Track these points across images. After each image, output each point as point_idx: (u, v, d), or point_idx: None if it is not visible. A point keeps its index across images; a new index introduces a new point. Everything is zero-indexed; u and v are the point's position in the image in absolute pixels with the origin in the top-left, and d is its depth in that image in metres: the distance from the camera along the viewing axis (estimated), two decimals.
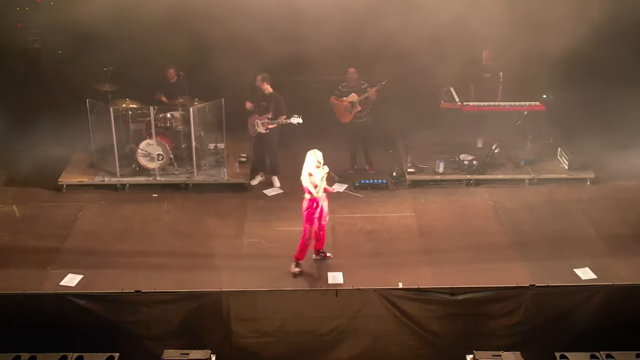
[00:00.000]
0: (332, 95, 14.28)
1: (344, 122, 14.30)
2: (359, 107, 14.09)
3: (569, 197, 13.79)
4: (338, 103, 14.21)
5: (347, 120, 14.23)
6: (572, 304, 11.11)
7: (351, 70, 14.18)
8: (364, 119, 14.29)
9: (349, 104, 14.08)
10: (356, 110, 14.10)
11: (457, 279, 11.16)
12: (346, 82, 14.22)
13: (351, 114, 14.12)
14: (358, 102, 14.03)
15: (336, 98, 14.23)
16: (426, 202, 13.62)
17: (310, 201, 11.22)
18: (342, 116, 14.26)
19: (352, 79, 14.16)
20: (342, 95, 14.18)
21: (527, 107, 14.62)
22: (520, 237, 12.47)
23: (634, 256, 11.88)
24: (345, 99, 14.11)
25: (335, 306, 10.97)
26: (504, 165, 14.67)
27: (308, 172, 11.13)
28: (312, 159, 11.16)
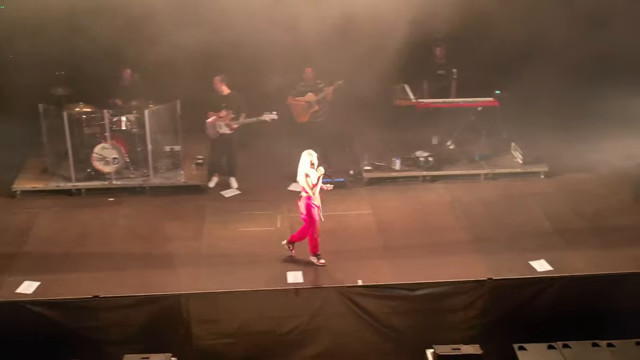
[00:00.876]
0: (289, 95, 14.28)
1: (301, 121, 14.33)
2: (316, 107, 14.13)
3: (523, 191, 13.98)
4: (295, 103, 14.23)
5: (305, 119, 14.27)
6: (528, 296, 11.26)
7: (307, 70, 14.22)
8: (321, 118, 14.33)
9: (306, 104, 14.11)
10: (313, 110, 14.14)
11: (416, 275, 11.26)
12: (303, 82, 14.26)
13: (308, 113, 14.16)
14: (315, 101, 14.06)
15: (293, 98, 14.25)
16: (383, 200, 13.71)
17: (308, 199, 11.29)
18: (299, 116, 14.29)
19: (308, 79, 14.19)
20: (299, 95, 14.21)
21: (481, 103, 14.77)
22: (476, 231, 12.61)
23: (588, 247, 12.09)
24: (302, 99, 14.14)
25: (295, 305, 10.98)
26: (459, 160, 14.83)
27: (305, 172, 11.20)
28: (306, 159, 11.23)
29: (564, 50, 15.04)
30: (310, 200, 11.28)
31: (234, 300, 10.85)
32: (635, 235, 12.48)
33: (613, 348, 10.19)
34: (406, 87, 15.13)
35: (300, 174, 11.27)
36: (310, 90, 14.11)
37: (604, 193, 13.91)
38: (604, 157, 14.55)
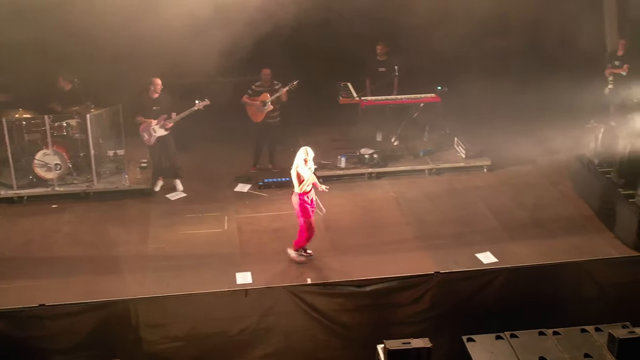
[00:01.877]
0: (245, 95, 14.22)
1: (256, 121, 14.28)
2: (271, 107, 14.11)
3: (467, 185, 14.19)
4: (250, 102, 14.18)
5: (260, 119, 14.23)
6: (475, 287, 11.41)
7: (265, 71, 14.16)
8: (276, 118, 14.33)
9: (260, 103, 14.07)
10: (268, 109, 14.12)
11: (364, 271, 11.34)
12: (260, 82, 14.21)
13: (263, 113, 14.13)
14: (270, 101, 14.05)
15: (249, 97, 14.20)
16: (330, 198, 13.67)
17: (300, 195, 11.37)
18: (254, 115, 14.24)
19: (265, 79, 14.16)
20: (254, 94, 14.17)
21: (423, 99, 14.93)
22: (423, 226, 12.76)
23: (531, 238, 12.36)
24: (258, 99, 14.11)
25: (245, 306, 10.94)
26: (404, 157, 14.98)
27: (296, 168, 11.32)
28: (301, 155, 11.37)
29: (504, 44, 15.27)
30: (301, 196, 11.38)
31: (183, 303, 10.76)
32: (575, 225, 12.83)
33: (559, 336, 10.40)
34: (349, 85, 15.22)
35: (293, 169, 11.39)
36: (266, 91, 14.08)
37: (545, 184, 14.22)
38: (544, 149, 14.80)
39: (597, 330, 10.50)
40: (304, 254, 11.96)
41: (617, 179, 12.94)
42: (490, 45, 15.50)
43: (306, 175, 11.35)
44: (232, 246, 12.16)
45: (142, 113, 13.57)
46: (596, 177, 13.36)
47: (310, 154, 11.45)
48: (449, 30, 14.75)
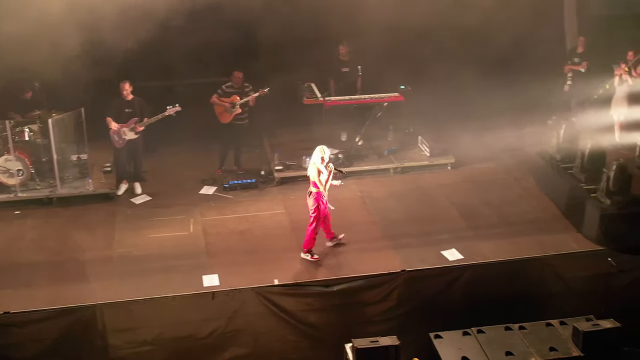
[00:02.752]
0: (215, 94, 14.15)
1: (224, 122, 14.21)
2: (239, 110, 14.06)
3: (432, 183, 14.28)
4: (220, 102, 14.11)
5: (227, 120, 14.17)
6: (442, 285, 11.54)
7: (237, 74, 14.07)
8: (244, 120, 14.28)
9: (229, 105, 14.02)
10: (237, 112, 14.07)
11: (331, 271, 11.41)
12: (230, 83, 14.15)
13: (232, 115, 14.08)
14: (239, 104, 14.00)
15: (218, 97, 14.13)
16: (296, 198, 13.76)
17: (317, 195, 11.47)
18: (221, 116, 14.17)
19: (236, 82, 14.09)
20: (224, 95, 14.10)
21: (387, 99, 14.99)
22: (389, 224, 12.82)
23: (495, 234, 12.48)
24: (227, 100, 14.05)
25: (212, 309, 10.95)
26: (369, 156, 15.03)
27: (317, 167, 11.36)
28: (317, 154, 11.39)
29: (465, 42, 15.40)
30: (320, 196, 11.48)
31: (150, 307, 10.73)
32: (538, 220, 12.98)
33: (525, 330, 10.57)
34: (313, 85, 15.25)
35: (312, 168, 11.46)
36: (237, 93, 14.04)
37: (508, 181, 14.36)
38: (507, 146, 14.93)
39: (562, 324, 10.68)
40: (339, 240, 12.18)
41: (579, 175, 13.11)
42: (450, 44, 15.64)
43: (326, 175, 11.48)
44: (198, 249, 12.11)
45: (114, 115, 13.46)
46: (558, 173, 13.52)
47: (327, 152, 11.56)
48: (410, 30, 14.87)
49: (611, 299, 11.58)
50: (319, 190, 11.51)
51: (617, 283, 11.81)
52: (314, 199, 11.55)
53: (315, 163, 11.48)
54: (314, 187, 11.53)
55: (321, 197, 11.57)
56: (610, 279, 11.53)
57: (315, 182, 11.51)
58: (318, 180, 11.46)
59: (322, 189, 11.51)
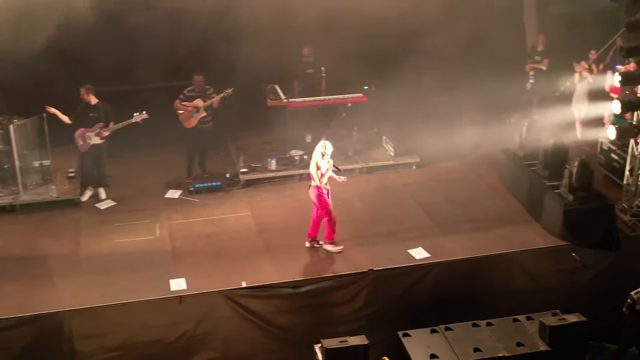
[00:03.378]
0: (177, 100, 14.04)
1: (189, 127, 14.10)
2: (204, 113, 13.99)
3: (397, 182, 14.36)
4: (183, 108, 14.00)
5: (192, 125, 14.06)
6: (409, 283, 11.60)
7: (198, 78, 13.97)
8: (208, 123, 14.20)
9: (194, 109, 13.93)
10: (202, 115, 13.99)
11: (299, 272, 11.42)
12: (192, 87, 14.05)
13: (196, 119, 13.99)
14: (203, 107, 13.93)
15: (181, 102, 14.02)
16: (262, 200, 13.77)
17: (317, 188, 11.64)
18: (186, 121, 14.05)
19: (198, 85, 14.00)
20: (187, 100, 13.99)
21: (350, 99, 15.05)
22: (355, 224, 12.86)
23: (461, 232, 12.58)
24: (191, 104, 13.95)
25: (180, 313, 10.89)
26: (334, 157, 14.95)
27: (315, 161, 11.58)
28: (319, 149, 11.66)
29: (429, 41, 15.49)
30: (319, 189, 11.60)
31: (117, 312, 10.65)
32: (503, 217, 13.11)
33: (492, 327, 10.68)
34: (277, 87, 15.25)
35: (312, 163, 11.62)
36: (199, 96, 13.95)
37: (473, 179, 14.49)
38: (471, 144, 15.03)
39: (528, 319, 10.80)
40: (316, 245, 12.20)
41: (542, 171, 13.25)
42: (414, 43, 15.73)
43: (324, 169, 11.61)
44: (164, 253, 12.05)
45: (79, 120, 13.34)
46: (522, 170, 13.66)
47: (329, 147, 11.71)
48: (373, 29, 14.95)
49: (576, 293, 11.71)
50: (317, 184, 11.69)
51: (581, 278, 11.96)
52: (315, 194, 11.74)
53: (316, 157, 11.65)
54: (313, 180, 11.73)
55: (321, 190, 11.74)
56: (575, 274, 11.68)
57: (312, 176, 11.73)
58: (315, 172, 11.64)
59: (317, 182, 11.66)
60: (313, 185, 11.75)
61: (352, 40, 15.00)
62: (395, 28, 15.06)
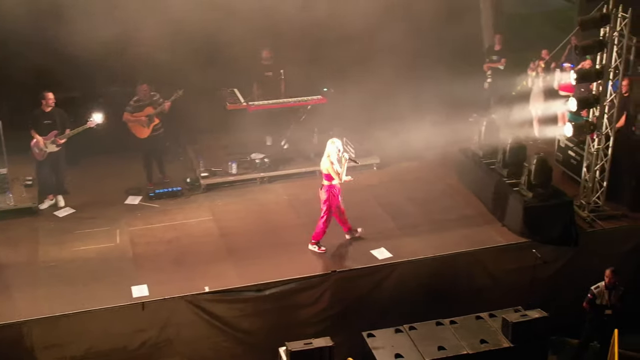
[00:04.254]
0: (125, 112, 13.83)
1: (143, 137, 13.90)
2: (156, 120, 13.85)
3: (358, 184, 14.27)
4: (134, 118, 13.79)
5: (146, 134, 13.87)
6: (372, 284, 11.65)
7: (143, 87, 13.78)
8: (160, 129, 14.04)
9: (146, 118, 13.76)
10: (154, 123, 13.85)
11: (262, 275, 11.36)
12: (137, 97, 13.86)
13: (149, 127, 13.83)
14: (155, 114, 13.78)
15: (130, 114, 13.83)
16: (223, 204, 13.70)
17: (329, 188, 11.75)
18: (139, 131, 13.85)
19: (144, 94, 13.82)
20: (136, 110, 13.80)
21: (310, 102, 15.05)
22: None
23: (423, 232, 12.65)
24: (142, 114, 13.78)
25: (143, 319, 10.80)
26: (295, 159, 15.04)
27: (330, 160, 11.66)
28: (332, 147, 11.71)
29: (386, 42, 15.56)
30: (332, 188, 11.71)
31: (79, 321, 10.53)
32: (464, 216, 13.22)
33: (456, 325, 10.75)
34: (235, 90, 15.19)
35: (325, 161, 11.64)
36: (148, 105, 13.79)
37: (433, 179, 14.58)
38: (430, 144, 15.10)
39: (491, 317, 10.89)
40: (356, 234, 12.40)
41: (501, 170, 13.38)
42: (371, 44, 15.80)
43: (339, 167, 11.73)
44: (125, 259, 11.93)
45: (34, 127, 13.14)
46: (481, 169, 13.78)
47: (339, 143, 11.82)
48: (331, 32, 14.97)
49: (537, 289, 11.82)
50: (330, 184, 11.75)
51: (542, 274, 12.06)
52: (325, 192, 11.79)
53: (330, 156, 11.71)
54: (326, 179, 11.78)
55: (333, 190, 11.80)
56: (536, 270, 11.77)
57: (327, 175, 11.75)
58: (333, 171, 11.66)
59: (337, 180, 11.76)
60: (326, 185, 11.83)
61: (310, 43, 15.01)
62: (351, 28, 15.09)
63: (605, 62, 12.50)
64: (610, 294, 11.19)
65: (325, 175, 11.82)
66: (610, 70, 12.53)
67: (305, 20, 14.75)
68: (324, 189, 11.84)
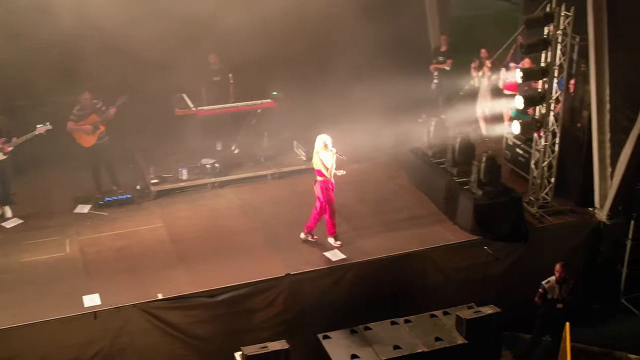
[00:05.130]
0: (69, 121, 13.61)
1: (88, 146, 13.70)
2: (101, 128, 13.66)
3: (310, 186, 14.27)
4: (78, 127, 13.58)
5: (91, 143, 13.67)
6: (327, 285, 11.65)
7: (85, 96, 13.56)
8: (105, 138, 13.85)
9: (91, 127, 13.57)
10: (100, 131, 13.66)
11: (216, 281, 11.28)
12: (80, 106, 13.65)
13: (95, 136, 13.64)
14: (100, 122, 13.59)
15: (74, 123, 13.62)
16: (174, 211, 13.59)
17: (323, 183, 11.87)
18: (84, 140, 13.65)
19: (87, 103, 13.62)
20: (80, 119, 13.59)
21: (259, 106, 15.03)
22: (270, 230, 12.84)
23: (375, 232, 12.72)
24: (85, 122, 13.58)
25: (95, 329, 10.65)
26: (245, 164, 15.01)
27: (319, 155, 11.79)
28: (319, 143, 11.82)
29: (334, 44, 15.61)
30: (326, 183, 11.75)
31: (30, 333, 10.32)
32: (415, 215, 13.32)
33: (410, 323, 10.83)
34: (184, 96, 15.08)
35: (315, 157, 11.71)
36: (91, 113, 13.59)
37: (384, 179, 14.67)
38: (381, 145, 15.17)
39: (445, 314, 10.99)
40: (311, 238, 12.43)
41: (451, 169, 13.51)
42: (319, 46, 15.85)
43: (329, 161, 11.80)
44: (76, 269, 11.76)
45: None
46: (431, 168, 13.89)
47: (327, 138, 11.88)
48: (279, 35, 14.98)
49: (490, 286, 11.95)
50: (324, 179, 11.83)
51: (494, 270, 12.21)
52: (320, 187, 11.91)
53: (318, 152, 11.80)
54: (319, 175, 11.88)
55: (327, 185, 11.90)
56: (488, 267, 11.91)
57: (319, 171, 11.84)
58: (323, 166, 11.74)
59: (327, 175, 11.83)
60: (319, 180, 11.90)
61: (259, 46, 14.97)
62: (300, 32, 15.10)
63: (549, 60, 12.70)
64: (561, 288, 11.36)
65: (316, 171, 11.96)
66: (555, 68, 12.74)
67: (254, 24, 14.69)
68: (317, 184, 12.01)
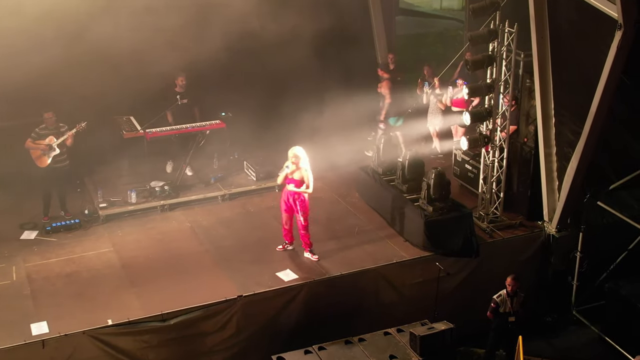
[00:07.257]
0: (29, 138, 13.39)
1: (42, 166, 13.46)
2: (57, 150, 13.42)
3: (260, 206, 14.34)
4: (35, 146, 13.36)
5: (45, 164, 13.43)
6: (280, 306, 11.58)
7: (48, 115, 13.36)
8: (64, 162, 13.59)
9: (46, 147, 13.34)
10: (55, 153, 13.42)
11: (167, 304, 11.12)
12: (44, 125, 13.43)
13: (49, 157, 13.40)
14: (56, 144, 13.35)
15: (32, 141, 13.39)
16: (123, 235, 13.39)
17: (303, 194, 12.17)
18: (39, 160, 13.42)
19: (50, 123, 13.39)
20: (39, 138, 13.37)
21: (209, 127, 14.91)
22: (221, 252, 12.73)
23: (327, 250, 12.68)
24: (42, 141, 13.35)
25: (44, 358, 10.42)
26: (195, 185, 14.89)
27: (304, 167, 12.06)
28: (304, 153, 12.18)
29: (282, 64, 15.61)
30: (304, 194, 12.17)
31: None
32: (367, 233, 13.32)
33: (364, 342, 10.78)
34: (132, 118, 14.90)
35: (307, 171, 12.11)
36: (52, 133, 13.36)
37: (334, 198, 14.65)
38: (330, 164, 15.13)
39: (399, 331, 10.99)
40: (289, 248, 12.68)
41: (401, 185, 13.56)
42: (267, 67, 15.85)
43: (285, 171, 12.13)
44: (23, 297, 11.49)
45: None
46: (382, 186, 13.92)
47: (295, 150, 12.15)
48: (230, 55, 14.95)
49: (443, 301, 11.99)
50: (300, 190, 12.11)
51: (447, 286, 12.27)
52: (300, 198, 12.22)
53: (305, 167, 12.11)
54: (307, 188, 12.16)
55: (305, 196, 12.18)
56: (440, 283, 11.96)
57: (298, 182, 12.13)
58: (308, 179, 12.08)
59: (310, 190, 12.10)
60: (299, 192, 12.08)
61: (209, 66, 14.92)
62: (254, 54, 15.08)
63: (495, 76, 12.85)
64: (512, 301, 11.45)
65: (295, 181, 12.13)
66: (501, 84, 12.89)
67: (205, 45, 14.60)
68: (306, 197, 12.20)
